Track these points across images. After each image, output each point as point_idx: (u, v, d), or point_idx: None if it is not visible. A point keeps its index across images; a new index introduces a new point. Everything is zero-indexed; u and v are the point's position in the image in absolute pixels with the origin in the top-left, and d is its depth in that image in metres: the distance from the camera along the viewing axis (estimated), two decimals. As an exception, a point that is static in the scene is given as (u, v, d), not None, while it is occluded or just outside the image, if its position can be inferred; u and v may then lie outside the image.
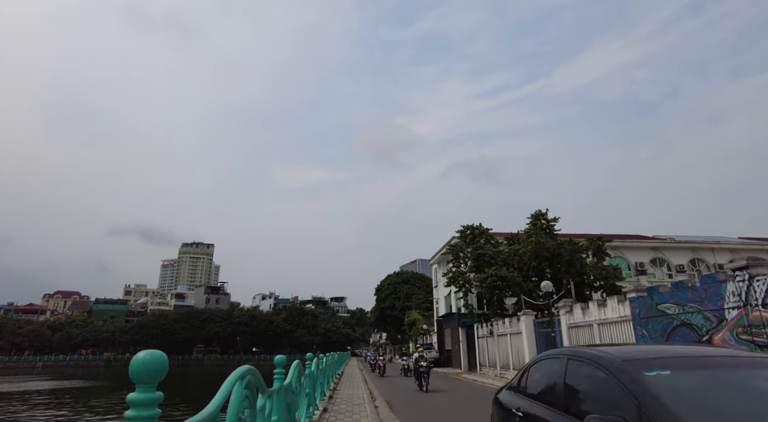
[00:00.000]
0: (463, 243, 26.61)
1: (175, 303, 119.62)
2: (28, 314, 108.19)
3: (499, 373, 21.57)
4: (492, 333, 22.70)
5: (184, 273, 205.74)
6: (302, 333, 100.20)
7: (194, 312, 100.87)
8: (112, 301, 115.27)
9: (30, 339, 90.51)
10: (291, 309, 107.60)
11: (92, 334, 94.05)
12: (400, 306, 66.40)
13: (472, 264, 24.17)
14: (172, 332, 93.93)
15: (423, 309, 58.61)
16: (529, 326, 18.25)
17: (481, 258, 24.08)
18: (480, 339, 25.27)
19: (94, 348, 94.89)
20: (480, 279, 22.96)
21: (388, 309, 69.27)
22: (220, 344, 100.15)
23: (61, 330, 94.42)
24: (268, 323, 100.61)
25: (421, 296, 64.79)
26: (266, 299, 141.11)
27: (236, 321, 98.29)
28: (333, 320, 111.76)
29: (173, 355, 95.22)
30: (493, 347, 22.93)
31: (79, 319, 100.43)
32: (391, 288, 70.31)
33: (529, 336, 18.04)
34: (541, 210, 26.21)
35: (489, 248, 24.71)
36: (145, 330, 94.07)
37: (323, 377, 11.47)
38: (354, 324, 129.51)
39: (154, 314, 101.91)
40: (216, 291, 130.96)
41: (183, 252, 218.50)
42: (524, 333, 18.41)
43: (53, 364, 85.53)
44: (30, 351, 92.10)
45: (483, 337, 24.59)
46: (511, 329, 20.03)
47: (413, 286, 68.89)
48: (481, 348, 25.11)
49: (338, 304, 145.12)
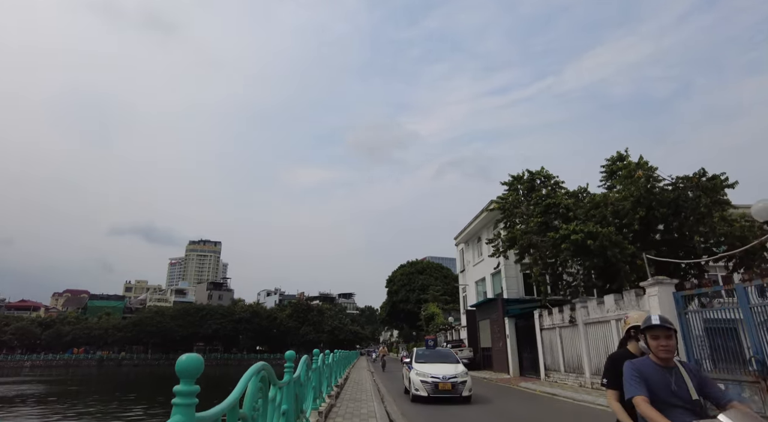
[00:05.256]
0: (516, 195, 18.78)
1: (175, 299, 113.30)
2: (20, 311, 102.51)
3: (590, 381, 13.74)
4: (574, 320, 14.83)
5: (192, 271, 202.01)
6: (308, 331, 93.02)
7: (192, 308, 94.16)
8: (109, 297, 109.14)
9: (17, 336, 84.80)
10: (296, 305, 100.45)
11: (84, 332, 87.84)
12: (415, 298, 59.02)
13: (539, 218, 16.25)
14: (169, 329, 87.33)
15: (441, 302, 51.35)
16: (667, 303, 10.39)
17: (553, 210, 16.23)
18: (545, 331, 17.42)
19: (87, 347, 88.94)
20: (553, 241, 15.08)
21: (401, 302, 61.84)
22: (221, 342, 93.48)
23: (52, 327, 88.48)
24: (272, 320, 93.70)
25: (438, 287, 57.27)
26: (271, 295, 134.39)
27: (237, 318, 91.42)
28: (340, 317, 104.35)
29: (171, 354, 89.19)
30: (574, 341, 15.09)
31: (71, 316, 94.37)
32: (405, 279, 62.76)
33: (669, 318, 10.25)
34: (621, 152, 18.33)
35: (562, 197, 16.82)
36: (139, 327, 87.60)
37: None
38: (363, 322, 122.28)
39: (150, 310, 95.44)
40: (219, 287, 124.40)
41: (190, 249, 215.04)
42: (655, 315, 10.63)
43: (42, 364, 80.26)
44: (21, 350, 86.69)
45: (552, 328, 16.74)
46: (621, 313, 12.21)
47: (429, 276, 61.32)
48: (547, 345, 17.29)
49: (346, 301, 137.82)
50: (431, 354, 13.22)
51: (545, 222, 16.37)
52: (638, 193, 14.55)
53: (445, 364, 12.21)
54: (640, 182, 14.53)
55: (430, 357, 12.91)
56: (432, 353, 13.55)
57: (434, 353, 13.62)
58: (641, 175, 14.71)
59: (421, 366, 12.02)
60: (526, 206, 17.36)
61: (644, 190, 14.53)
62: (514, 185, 19.38)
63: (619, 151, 18.57)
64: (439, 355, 13.31)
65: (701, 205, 14.23)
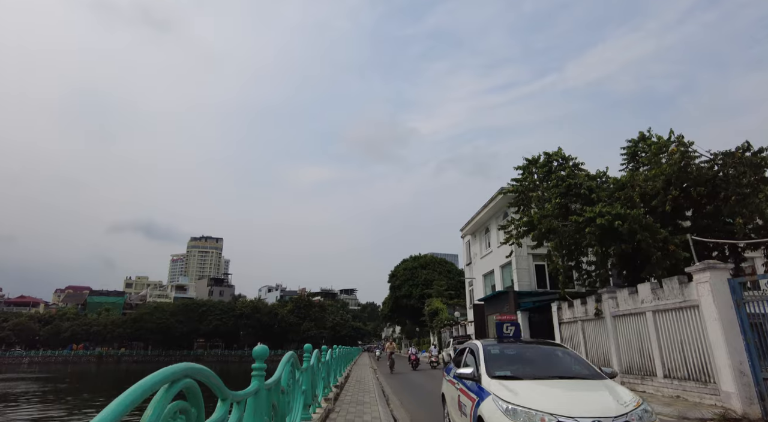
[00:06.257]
0: (532, 179, 17.22)
1: (175, 295, 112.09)
2: (20, 307, 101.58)
3: (619, 380, 12.24)
4: (600, 312, 13.32)
5: (193, 268, 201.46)
6: (309, 327, 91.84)
7: (192, 304, 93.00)
8: (109, 293, 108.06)
9: (16, 332, 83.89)
10: (297, 301, 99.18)
11: (83, 328, 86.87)
12: (419, 294, 57.60)
13: (558, 200, 14.67)
14: (169, 326, 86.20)
15: (446, 297, 50.06)
16: (722, 292, 8.88)
17: (574, 191, 14.68)
18: (565, 325, 15.92)
19: (86, 343, 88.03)
20: (576, 225, 13.53)
21: (404, 297, 60.41)
22: (222, 339, 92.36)
23: (50, 323, 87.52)
24: (273, 316, 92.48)
25: (442, 282, 55.91)
26: (272, 291, 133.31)
27: (238, 314, 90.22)
28: (342, 313, 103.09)
29: (171, 351, 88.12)
30: (599, 336, 13.58)
31: (70, 312, 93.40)
32: (408, 273, 61.26)
33: (724, 311, 8.72)
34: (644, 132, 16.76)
35: (583, 178, 15.26)
36: (139, 323, 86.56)
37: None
38: (365, 319, 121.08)
39: (149, 306, 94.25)
40: (220, 283, 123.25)
41: (192, 246, 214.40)
42: (706, 307, 9.10)
43: (41, 360, 79.73)
44: (21, 346, 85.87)
45: (573, 322, 15.24)
46: (660, 303, 10.69)
47: (433, 271, 59.82)
48: (567, 340, 15.78)
49: (348, 297, 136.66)
50: (520, 357, 5.80)
51: (565, 205, 14.82)
52: (670, 170, 12.99)
53: (580, 391, 4.71)
54: (674, 158, 12.96)
55: (521, 362, 5.61)
56: (520, 353, 5.96)
57: (527, 353, 5.98)
58: (675, 150, 13.14)
59: (513, 390, 4.54)
60: (543, 189, 15.78)
61: (678, 168, 12.97)
62: (529, 168, 17.82)
63: (642, 132, 17.01)
64: (545, 361, 5.75)
65: (744, 183, 12.68)
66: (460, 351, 6.95)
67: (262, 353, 3.32)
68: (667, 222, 14.07)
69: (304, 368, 5.95)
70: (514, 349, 6.01)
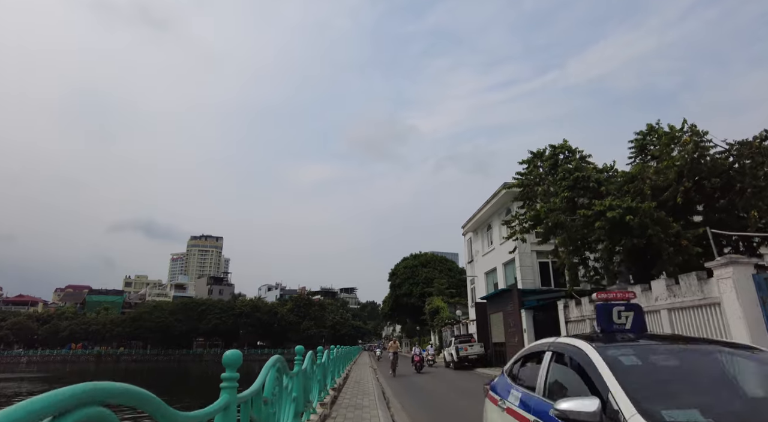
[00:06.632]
0: (537, 172, 16.62)
1: (175, 294, 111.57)
2: (18, 306, 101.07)
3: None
4: (610, 311, 12.76)
5: (193, 267, 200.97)
6: (309, 326, 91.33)
7: (192, 303, 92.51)
8: (108, 292, 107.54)
9: (14, 331, 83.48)
10: (297, 299, 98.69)
11: (82, 327, 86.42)
12: (419, 292, 57.02)
13: (566, 193, 14.06)
14: (168, 325, 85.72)
15: (447, 296, 49.56)
16: (747, 288, 8.28)
17: (582, 184, 14.07)
18: (572, 323, 15.35)
19: (85, 342, 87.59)
20: (585, 219, 12.93)
21: (404, 296, 59.85)
22: (222, 338, 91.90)
23: (49, 322, 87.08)
24: (273, 315, 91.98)
25: (443, 281, 55.37)
26: (272, 290, 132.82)
27: (237, 313, 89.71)
28: (342, 312, 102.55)
29: (170, 350, 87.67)
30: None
31: (69, 311, 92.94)
32: (408, 272, 60.66)
33: (749, 309, 8.11)
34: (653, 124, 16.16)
35: (591, 170, 14.66)
36: (138, 322, 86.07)
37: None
38: (365, 317, 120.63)
39: (148, 305, 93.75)
40: (219, 281, 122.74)
41: (192, 245, 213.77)
42: (729, 305, 8.50)
43: (39, 359, 79.35)
44: (20, 346, 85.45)
45: (581, 320, 14.66)
46: (677, 300, 10.10)
47: (433, 269, 59.22)
48: (573, 340, 15.20)
49: (348, 295, 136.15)
50: (690, 372, 2.58)
51: (573, 198, 14.23)
52: (683, 161, 12.39)
53: None
54: (688, 148, 12.35)
55: (700, 384, 2.46)
56: (686, 363, 2.68)
57: (697, 363, 2.68)
58: (688, 140, 12.53)
59: None
60: (549, 183, 15.18)
61: (691, 159, 12.37)
62: (534, 162, 17.22)
63: (650, 124, 16.42)
64: (738, 380, 2.47)
65: (761, 174, 12.08)
66: (524, 358, 3.82)
67: (234, 360, 2.68)
68: (678, 217, 13.48)
69: (294, 372, 5.28)
70: (668, 355, 2.80)
